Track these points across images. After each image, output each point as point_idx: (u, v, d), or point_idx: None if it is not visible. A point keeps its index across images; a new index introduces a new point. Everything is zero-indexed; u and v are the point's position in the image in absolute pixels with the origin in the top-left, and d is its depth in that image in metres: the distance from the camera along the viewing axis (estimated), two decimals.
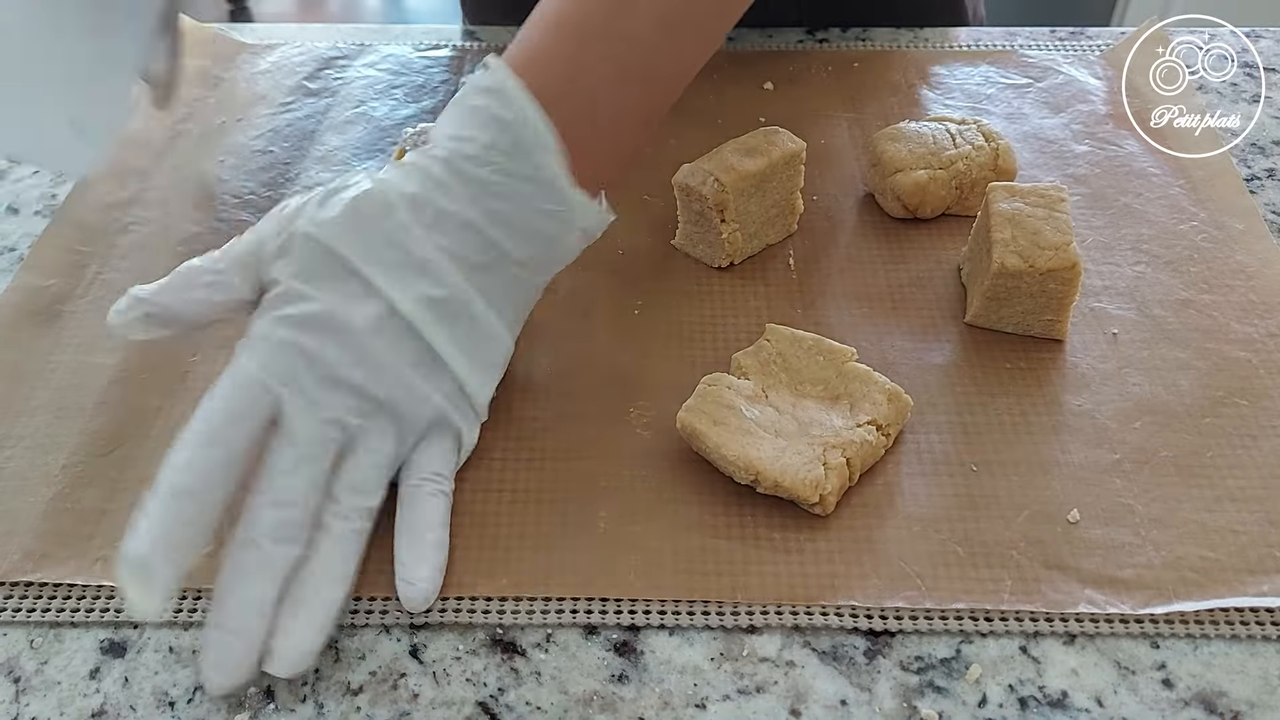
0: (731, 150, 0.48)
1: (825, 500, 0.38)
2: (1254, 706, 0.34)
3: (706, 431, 0.39)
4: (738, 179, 0.47)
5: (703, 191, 0.48)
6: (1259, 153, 0.57)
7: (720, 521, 0.39)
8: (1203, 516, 0.39)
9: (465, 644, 0.36)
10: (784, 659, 0.36)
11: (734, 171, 0.47)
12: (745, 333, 0.47)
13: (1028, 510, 0.39)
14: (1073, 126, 0.59)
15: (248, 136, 0.60)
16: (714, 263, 0.50)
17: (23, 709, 0.35)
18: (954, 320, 0.47)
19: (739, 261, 0.50)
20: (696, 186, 0.48)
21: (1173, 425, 0.42)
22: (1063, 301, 0.44)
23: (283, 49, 0.67)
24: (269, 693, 0.35)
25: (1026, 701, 0.35)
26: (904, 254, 0.51)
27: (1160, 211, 0.53)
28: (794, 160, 0.49)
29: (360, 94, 0.63)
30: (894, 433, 0.41)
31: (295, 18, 2.48)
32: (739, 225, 0.49)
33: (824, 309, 0.48)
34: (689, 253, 0.51)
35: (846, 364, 0.42)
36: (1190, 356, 0.45)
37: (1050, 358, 0.45)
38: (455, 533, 0.39)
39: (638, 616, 0.37)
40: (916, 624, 0.36)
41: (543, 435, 0.43)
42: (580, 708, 0.35)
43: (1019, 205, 0.46)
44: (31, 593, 0.38)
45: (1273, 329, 0.46)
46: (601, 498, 0.40)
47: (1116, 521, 0.39)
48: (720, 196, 0.47)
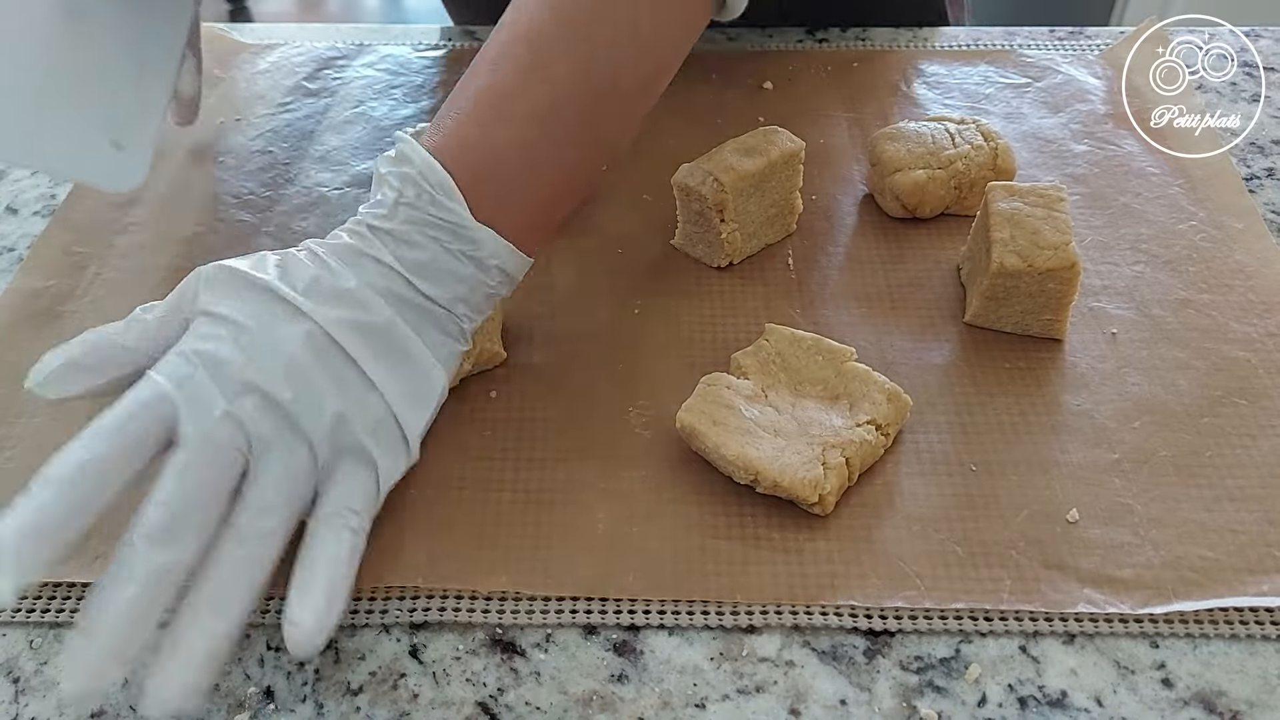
0: (730, 150, 0.48)
1: (824, 500, 0.38)
2: (1253, 706, 0.34)
3: (706, 431, 0.39)
4: (737, 179, 0.47)
5: (702, 191, 0.48)
6: (1259, 152, 0.57)
7: (720, 521, 0.39)
8: (1202, 516, 0.39)
9: (465, 644, 0.36)
10: (783, 659, 0.36)
11: (733, 171, 0.47)
12: (744, 332, 0.47)
13: (1027, 510, 0.39)
14: (1072, 126, 0.59)
15: (247, 137, 0.60)
16: (713, 262, 0.50)
17: (22, 709, 0.35)
18: (953, 320, 0.47)
19: (738, 261, 0.50)
20: (696, 186, 0.48)
21: (1172, 425, 0.42)
22: (1062, 301, 0.44)
23: (282, 49, 0.67)
24: (269, 693, 0.35)
25: (1026, 701, 0.35)
26: (903, 254, 0.51)
27: (1159, 211, 0.53)
28: (793, 160, 0.49)
29: (359, 94, 0.63)
30: (893, 432, 0.41)
31: (295, 18, 2.48)
32: (738, 225, 0.49)
33: (823, 309, 0.48)
34: (688, 253, 0.51)
35: (846, 364, 0.42)
36: (1189, 356, 0.45)
37: (1049, 357, 0.45)
38: (454, 532, 0.39)
39: (637, 616, 0.37)
40: (916, 624, 0.36)
41: (542, 435, 0.43)
42: (580, 708, 0.35)
43: (1018, 205, 0.46)
44: (31, 593, 0.38)
45: (1271, 328, 0.46)
46: (601, 498, 0.40)
47: (1115, 521, 0.39)
48: (719, 196, 0.47)
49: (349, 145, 0.59)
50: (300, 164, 0.58)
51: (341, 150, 0.59)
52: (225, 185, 0.56)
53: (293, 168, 0.57)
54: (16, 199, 0.56)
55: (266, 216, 0.54)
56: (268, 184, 0.56)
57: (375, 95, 0.63)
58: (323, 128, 0.60)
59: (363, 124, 0.61)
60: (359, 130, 0.60)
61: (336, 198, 0.55)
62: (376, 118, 0.61)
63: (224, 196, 0.55)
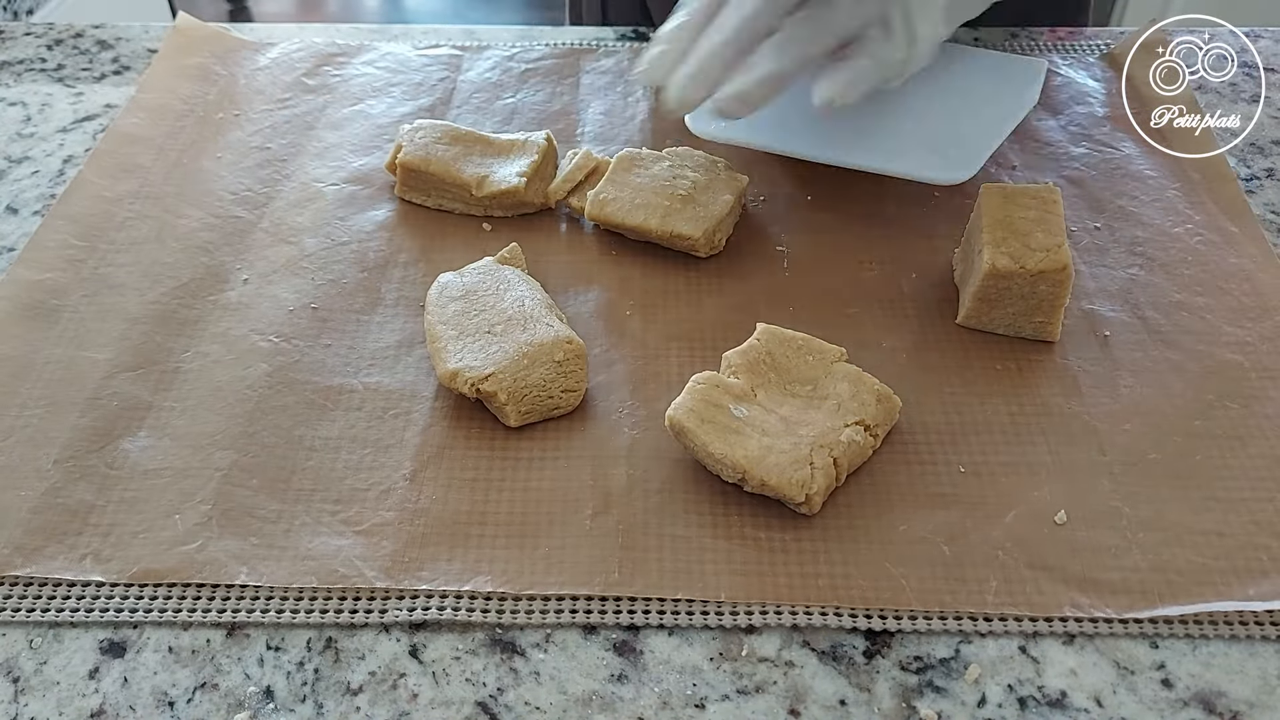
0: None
1: (811, 500, 0.38)
2: (1253, 706, 0.34)
3: (695, 430, 0.39)
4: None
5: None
6: (1258, 153, 0.57)
7: (707, 520, 0.39)
8: (1191, 519, 0.39)
9: (465, 644, 0.36)
10: (783, 659, 0.36)
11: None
12: (736, 331, 0.47)
13: (1015, 511, 0.39)
14: (1070, 128, 0.59)
15: (245, 132, 0.60)
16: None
17: (21, 709, 0.35)
18: (945, 321, 0.47)
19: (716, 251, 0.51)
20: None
21: (1162, 428, 0.42)
22: (1054, 303, 0.44)
23: (282, 46, 0.67)
24: (269, 693, 0.35)
25: (1025, 701, 0.35)
26: (897, 254, 0.51)
27: (1156, 214, 0.53)
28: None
29: (358, 91, 0.63)
30: (883, 433, 0.41)
31: (294, 18, 2.48)
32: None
33: (815, 308, 0.48)
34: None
35: (836, 364, 0.42)
36: (1182, 359, 0.45)
37: (1041, 359, 0.45)
38: (449, 532, 0.39)
39: (637, 616, 0.37)
40: (915, 624, 0.36)
41: (533, 434, 0.43)
42: (579, 708, 0.35)
43: (1011, 206, 0.45)
44: (31, 592, 0.38)
45: (1266, 332, 0.46)
46: (591, 496, 0.40)
47: (1104, 524, 0.39)
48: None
49: (347, 142, 0.59)
50: (297, 160, 0.58)
51: (339, 147, 0.59)
52: (223, 181, 0.56)
53: (290, 164, 0.58)
54: (16, 199, 0.56)
55: (263, 212, 0.54)
56: (265, 180, 0.56)
57: (374, 93, 0.63)
58: (321, 124, 0.61)
59: (361, 121, 0.61)
60: (357, 127, 0.60)
61: (332, 193, 0.55)
62: (374, 115, 0.61)
63: (221, 192, 0.55)
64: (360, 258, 0.52)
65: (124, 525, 0.39)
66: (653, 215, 0.50)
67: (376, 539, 0.39)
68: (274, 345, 0.47)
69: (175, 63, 0.65)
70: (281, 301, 0.49)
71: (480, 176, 0.53)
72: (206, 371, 0.45)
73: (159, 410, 0.44)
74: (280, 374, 0.45)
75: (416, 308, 0.49)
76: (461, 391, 0.42)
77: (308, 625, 0.37)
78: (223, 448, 0.42)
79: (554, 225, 0.54)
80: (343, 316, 0.48)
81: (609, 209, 0.51)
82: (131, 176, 0.56)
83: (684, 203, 0.50)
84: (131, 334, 0.47)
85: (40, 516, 0.40)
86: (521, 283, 0.47)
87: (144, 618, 0.37)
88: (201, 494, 0.40)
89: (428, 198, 0.55)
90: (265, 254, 0.52)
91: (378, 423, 0.43)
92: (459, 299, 0.46)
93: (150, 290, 0.49)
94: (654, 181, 0.51)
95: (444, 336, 0.44)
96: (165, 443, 0.42)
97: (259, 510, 0.40)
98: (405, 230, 0.53)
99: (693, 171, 0.51)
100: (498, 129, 0.60)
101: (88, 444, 0.42)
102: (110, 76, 0.66)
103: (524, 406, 0.42)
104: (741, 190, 0.51)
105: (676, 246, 0.50)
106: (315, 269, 0.51)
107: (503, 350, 0.43)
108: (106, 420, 0.43)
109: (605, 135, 0.60)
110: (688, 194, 0.50)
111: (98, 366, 0.45)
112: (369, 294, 0.50)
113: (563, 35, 0.70)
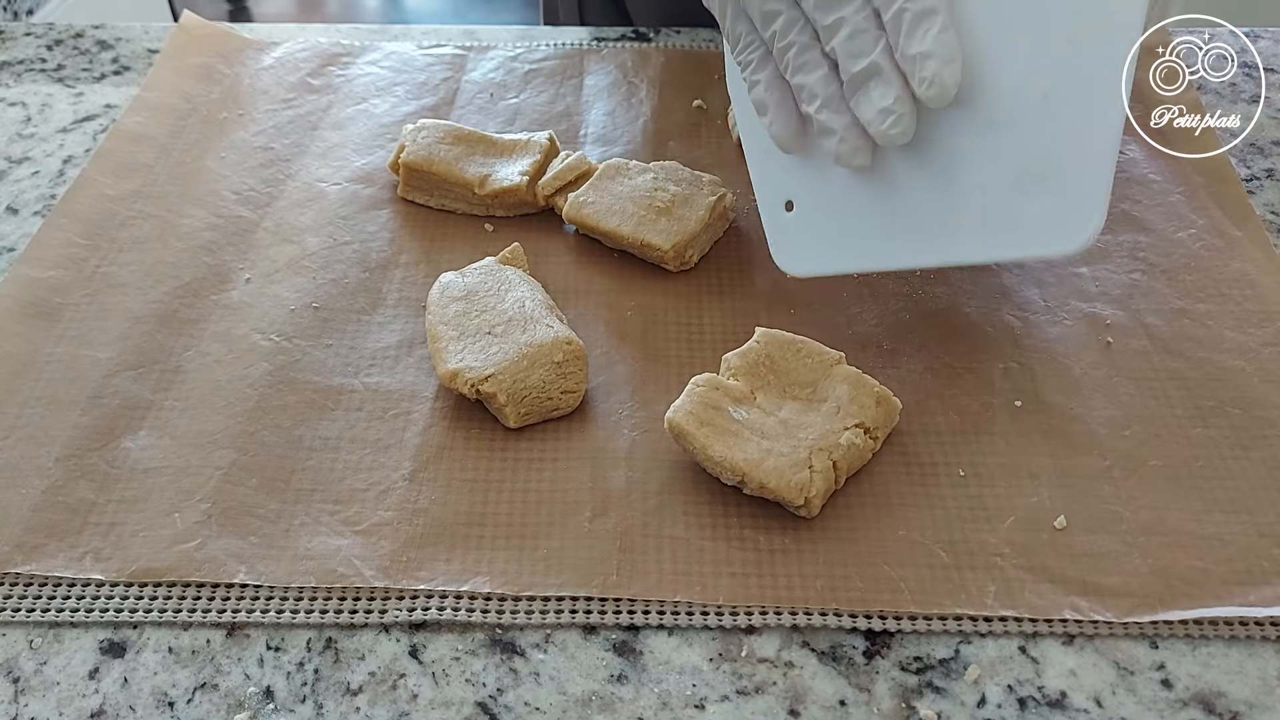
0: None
1: (810, 503, 0.38)
2: (1252, 707, 0.34)
3: (694, 432, 0.39)
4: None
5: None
6: (1258, 153, 0.57)
7: (706, 522, 0.39)
8: (1191, 525, 0.39)
9: (464, 644, 0.36)
10: (783, 659, 0.36)
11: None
12: (735, 334, 0.47)
13: (1014, 516, 0.39)
14: None
15: (249, 132, 0.60)
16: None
17: (21, 709, 0.35)
18: (945, 323, 0.47)
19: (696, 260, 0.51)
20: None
21: (1163, 434, 0.42)
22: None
23: (287, 45, 0.67)
24: (269, 693, 0.35)
25: (1025, 702, 0.35)
26: None
27: (1159, 218, 0.53)
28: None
29: (362, 91, 0.63)
30: (882, 436, 0.41)
31: (295, 18, 2.48)
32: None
33: (815, 311, 0.48)
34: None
35: (836, 366, 0.42)
36: (1183, 365, 0.45)
37: (1042, 363, 0.45)
38: (448, 533, 0.39)
39: (636, 617, 0.37)
40: (915, 624, 0.36)
41: (532, 435, 0.43)
42: (579, 708, 0.35)
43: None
44: (31, 592, 0.38)
45: (1268, 338, 0.46)
46: (590, 497, 0.40)
47: (1104, 529, 0.39)
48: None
49: (350, 141, 0.59)
50: (301, 160, 0.58)
51: (342, 147, 0.59)
52: (226, 180, 0.56)
53: (293, 164, 0.58)
54: (17, 199, 0.56)
55: (265, 212, 0.54)
56: (268, 180, 0.56)
57: (378, 92, 0.63)
58: (325, 124, 0.61)
59: (364, 120, 0.61)
60: (360, 126, 0.60)
61: (335, 193, 0.56)
62: (378, 114, 0.61)
63: (224, 192, 0.55)
64: (362, 257, 0.52)
65: (124, 524, 0.39)
66: (626, 222, 0.50)
67: (375, 539, 0.39)
68: (275, 345, 0.47)
69: (179, 62, 0.65)
70: (283, 301, 0.49)
71: (483, 175, 0.53)
72: (207, 370, 0.45)
73: (160, 409, 0.44)
74: (281, 373, 0.45)
75: (418, 308, 0.49)
76: (461, 392, 0.42)
77: (307, 625, 0.37)
78: (223, 447, 0.42)
79: (556, 226, 0.54)
80: (344, 316, 0.48)
81: (585, 211, 0.51)
82: (135, 175, 0.56)
83: (659, 214, 0.50)
84: (133, 333, 0.47)
85: (41, 514, 0.40)
86: (523, 283, 0.47)
87: (144, 618, 0.37)
88: (201, 493, 0.40)
89: (430, 198, 0.55)
90: (267, 253, 0.52)
91: (378, 423, 0.43)
92: (460, 299, 0.46)
93: (152, 289, 0.49)
94: (635, 191, 0.51)
95: (445, 337, 0.44)
96: (166, 441, 0.42)
97: (258, 509, 0.40)
98: (407, 230, 0.54)
99: (675, 185, 0.51)
100: (501, 129, 0.60)
101: (89, 442, 0.42)
102: (110, 77, 0.66)
103: (523, 407, 0.42)
104: (721, 205, 0.51)
105: (647, 257, 0.50)
106: (317, 268, 0.51)
107: (503, 351, 0.43)
108: (107, 419, 0.43)
109: (608, 137, 0.60)
110: (665, 206, 0.50)
111: (99, 365, 0.45)
112: (370, 294, 0.50)
113: (564, 35, 0.70)
